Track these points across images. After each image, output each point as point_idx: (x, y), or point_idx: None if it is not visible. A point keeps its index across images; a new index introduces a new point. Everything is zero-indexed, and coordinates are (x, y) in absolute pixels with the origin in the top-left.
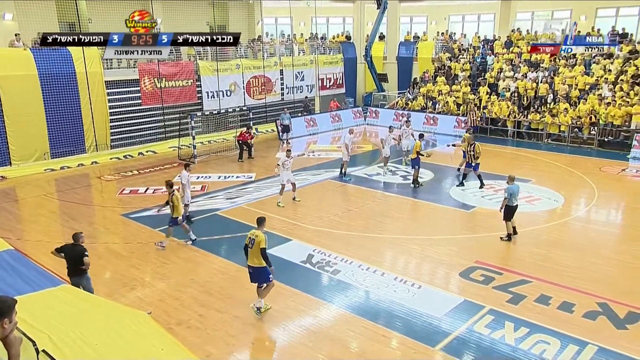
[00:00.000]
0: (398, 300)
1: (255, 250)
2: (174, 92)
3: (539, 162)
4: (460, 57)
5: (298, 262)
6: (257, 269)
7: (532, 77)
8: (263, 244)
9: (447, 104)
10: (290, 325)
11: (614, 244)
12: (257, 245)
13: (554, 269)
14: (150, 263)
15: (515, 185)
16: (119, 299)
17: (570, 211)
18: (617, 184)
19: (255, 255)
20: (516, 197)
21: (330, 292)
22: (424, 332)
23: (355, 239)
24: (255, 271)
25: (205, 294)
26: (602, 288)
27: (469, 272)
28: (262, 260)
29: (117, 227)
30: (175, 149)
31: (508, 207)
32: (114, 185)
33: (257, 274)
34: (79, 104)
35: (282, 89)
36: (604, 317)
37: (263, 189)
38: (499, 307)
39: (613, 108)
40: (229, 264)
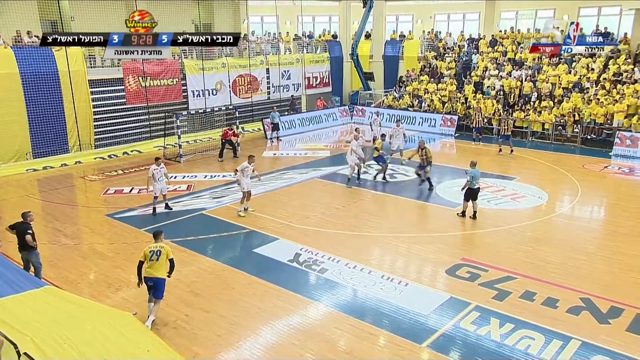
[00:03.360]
0: (385, 298)
1: (162, 262)
2: (159, 91)
3: (524, 160)
4: (446, 56)
5: (285, 261)
6: (161, 281)
7: (516, 75)
8: (171, 254)
9: (432, 102)
10: (277, 324)
11: (597, 239)
12: (164, 257)
13: (539, 265)
14: (136, 263)
15: (477, 169)
16: (103, 300)
17: (554, 208)
18: (599, 181)
19: (161, 266)
20: (477, 181)
21: (318, 290)
22: (410, 330)
23: (342, 237)
24: (159, 283)
25: (191, 294)
26: (586, 283)
27: (455, 269)
28: (164, 273)
29: (102, 227)
30: (161, 148)
31: (470, 189)
32: (98, 186)
33: (161, 286)
34: (61, 103)
35: (269, 88)
36: (587, 312)
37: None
38: (485, 304)
39: (595, 106)
40: (215, 264)
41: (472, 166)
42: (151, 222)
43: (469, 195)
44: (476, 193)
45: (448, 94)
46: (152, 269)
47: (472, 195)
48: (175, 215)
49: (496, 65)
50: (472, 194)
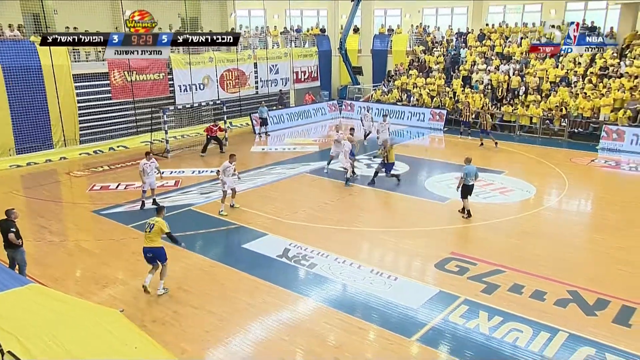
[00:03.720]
0: (374, 293)
1: (155, 233)
2: (145, 85)
3: (512, 154)
4: (434, 50)
5: (274, 256)
6: (159, 250)
7: (504, 69)
8: (165, 228)
9: (421, 97)
10: (266, 320)
11: (584, 232)
12: (157, 230)
13: (527, 259)
14: (123, 260)
15: (471, 166)
16: (90, 297)
17: (542, 201)
18: (586, 175)
19: (155, 237)
20: (472, 177)
21: (307, 285)
22: (400, 324)
23: (331, 232)
24: (157, 252)
25: (179, 290)
26: (573, 276)
27: (444, 263)
28: (159, 242)
29: (88, 224)
30: (148, 143)
31: (465, 185)
32: (84, 182)
33: (161, 253)
34: (45, 98)
35: (257, 83)
36: (574, 305)
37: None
38: (474, 297)
39: (582, 100)
40: (203, 260)
41: (467, 162)
42: (139, 218)
43: (464, 192)
44: (471, 190)
45: (437, 88)
46: (148, 240)
47: (467, 192)
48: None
49: (484, 59)
50: (467, 190)
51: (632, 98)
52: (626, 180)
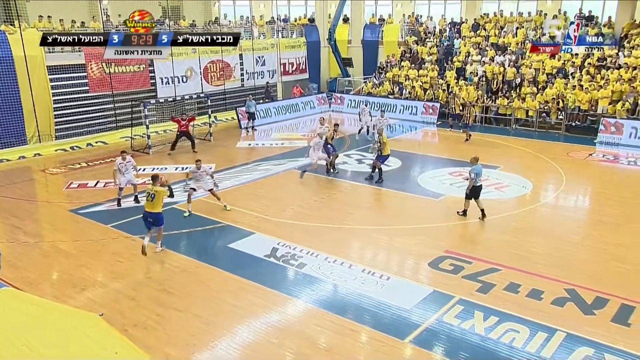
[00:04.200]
0: (366, 293)
1: (157, 201)
2: (124, 78)
3: (507, 148)
4: (427, 41)
5: (262, 256)
6: (156, 215)
7: (499, 60)
8: (166, 193)
9: (413, 89)
10: (254, 323)
11: (581, 229)
12: (159, 197)
13: (523, 256)
14: (103, 261)
15: (479, 165)
16: (67, 301)
17: (538, 197)
18: (584, 169)
19: (156, 204)
20: (480, 177)
21: (296, 286)
22: (393, 325)
23: (321, 230)
24: (157, 217)
25: (163, 292)
26: (570, 274)
27: (438, 261)
28: (160, 208)
29: (65, 224)
30: (128, 139)
31: (473, 186)
32: (61, 179)
33: (159, 218)
34: (17, 91)
35: (242, 75)
36: (572, 304)
37: (223, 180)
38: (469, 297)
39: (580, 92)
40: (188, 260)
41: (475, 162)
42: (119, 217)
43: (472, 193)
44: (479, 191)
45: (429, 81)
46: (150, 207)
47: (475, 194)
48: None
49: (479, 50)
50: (476, 191)
51: (630, 90)
52: (625, 174)
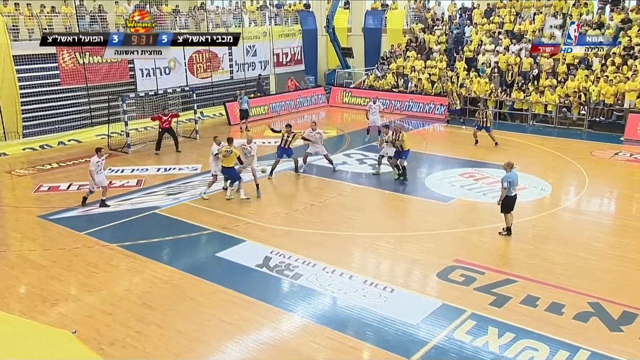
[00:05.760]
0: (368, 307)
1: (232, 158)
2: (100, 69)
3: (524, 147)
4: (435, 29)
5: (253, 266)
6: (232, 169)
7: (514, 50)
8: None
9: (420, 82)
10: (245, 339)
11: (606, 236)
12: (233, 156)
13: (542, 266)
14: (76, 273)
15: (513, 172)
16: (37, 317)
17: (558, 201)
18: (609, 170)
19: (231, 160)
20: (515, 186)
21: (291, 299)
22: (397, 342)
23: (318, 237)
24: (232, 171)
25: (143, 307)
26: (594, 286)
27: (447, 272)
28: (232, 164)
29: (34, 231)
30: (105, 137)
31: (506, 197)
32: (29, 182)
33: (234, 172)
34: None
35: (231, 66)
36: (596, 318)
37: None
38: (482, 311)
39: (604, 85)
40: (171, 271)
41: (509, 168)
42: (94, 224)
43: (506, 205)
44: (513, 202)
45: (438, 73)
46: (225, 162)
47: (509, 205)
48: (122, 215)
49: (492, 38)
50: (510, 203)
51: None
52: None
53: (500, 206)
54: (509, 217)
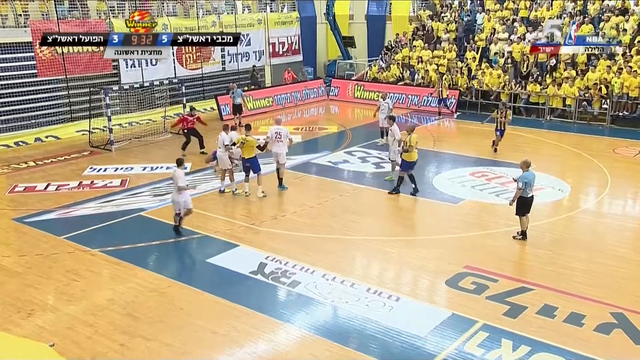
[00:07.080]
0: (372, 317)
1: (248, 147)
2: (81, 59)
3: (540, 144)
4: (444, 15)
5: (247, 273)
6: (251, 160)
7: (530, 39)
8: (255, 143)
9: (427, 74)
10: (238, 352)
11: (630, 241)
12: (250, 144)
13: (560, 273)
14: (54, 280)
15: (530, 172)
16: (11, 329)
17: (578, 203)
18: (634, 169)
19: (250, 151)
20: (531, 187)
21: (288, 309)
22: (403, 355)
23: (318, 242)
24: (253, 162)
25: (128, 317)
26: (617, 295)
27: (457, 279)
28: (253, 154)
29: (8, 235)
30: (85, 133)
31: (522, 198)
32: (3, 182)
33: (255, 163)
34: None
35: (223, 57)
36: (619, 330)
37: (201, 183)
38: (494, 322)
39: (628, 76)
40: (158, 279)
41: (526, 167)
42: (74, 227)
43: (522, 207)
44: (530, 204)
45: (446, 63)
46: (245, 152)
47: (525, 207)
48: (105, 217)
49: (506, 26)
50: (526, 205)
51: None
52: None
53: (516, 208)
54: (525, 220)
